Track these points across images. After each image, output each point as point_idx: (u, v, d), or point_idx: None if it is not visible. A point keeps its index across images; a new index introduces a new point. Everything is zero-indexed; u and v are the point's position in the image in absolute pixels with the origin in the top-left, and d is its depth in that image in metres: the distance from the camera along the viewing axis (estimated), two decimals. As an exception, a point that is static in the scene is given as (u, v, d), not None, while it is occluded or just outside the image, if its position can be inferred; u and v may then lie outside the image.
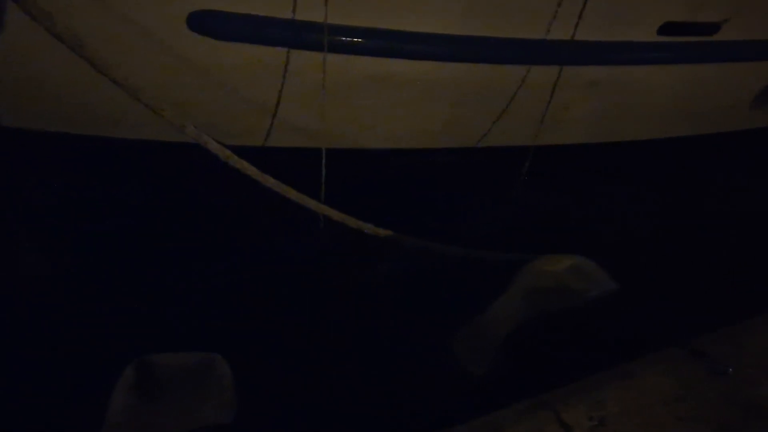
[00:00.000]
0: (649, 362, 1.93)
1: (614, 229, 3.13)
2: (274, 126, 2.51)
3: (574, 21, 2.51)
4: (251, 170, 2.18)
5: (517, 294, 2.47)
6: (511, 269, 2.52)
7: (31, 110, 2.30)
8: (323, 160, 2.27)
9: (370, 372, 2.30)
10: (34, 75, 2.15)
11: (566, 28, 2.54)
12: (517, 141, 2.88)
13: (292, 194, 2.29)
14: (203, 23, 2.11)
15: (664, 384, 1.81)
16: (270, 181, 2.23)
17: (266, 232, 2.67)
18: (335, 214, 2.40)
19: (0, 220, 2.42)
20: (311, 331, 2.39)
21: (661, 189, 3.48)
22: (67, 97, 2.25)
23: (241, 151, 2.18)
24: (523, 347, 2.32)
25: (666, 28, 2.79)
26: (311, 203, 2.33)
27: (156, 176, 2.65)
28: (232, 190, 2.30)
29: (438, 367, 2.32)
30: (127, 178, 2.63)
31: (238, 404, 2.02)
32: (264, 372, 2.18)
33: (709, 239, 3.13)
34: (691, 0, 2.78)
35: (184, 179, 2.63)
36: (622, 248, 2.89)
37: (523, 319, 2.38)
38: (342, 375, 2.28)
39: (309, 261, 2.65)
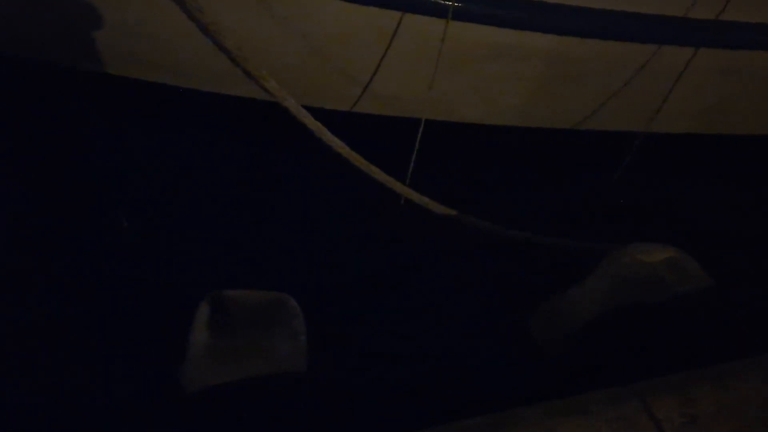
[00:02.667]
0: (748, 366, 1.83)
1: (719, 226, 2.94)
2: (367, 92, 2.52)
3: None
4: (342, 149, 2.21)
5: (603, 279, 2.39)
6: (594, 256, 2.44)
7: (134, 59, 2.39)
8: (420, 131, 2.27)
9: (442, 345, 2.34)
10: (144, 26, 2.23)
11: (713, 6, 2.35)
12: (626, 126, 2.74)
13: (380, 175, 2.30)
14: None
15: (765, 390, 1.72)
16: (359, 161, 2.25)
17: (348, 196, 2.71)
18: (417, 197, 2.39)
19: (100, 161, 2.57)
20: (386, 297, 2.45)
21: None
22: (173, 49, 2.31)
23: (327, 114, 2.21)
24: (607, 335, 2.27)
25: None
26: (396, 186, 2.33)
27: (243, 130, 2.70)
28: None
29: (511, 345, 2.33)
30: (215, 132, 2.69)
31: (308, 348, 2.05)
32: (336, 325, 2.25)
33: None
34: None
35: (273, 133, 2.64)
36: (725, 246, 2.73)
37: (608, 305, 2.31)
38: (415, 346, 2.33)
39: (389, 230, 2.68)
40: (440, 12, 2.15)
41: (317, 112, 2.17)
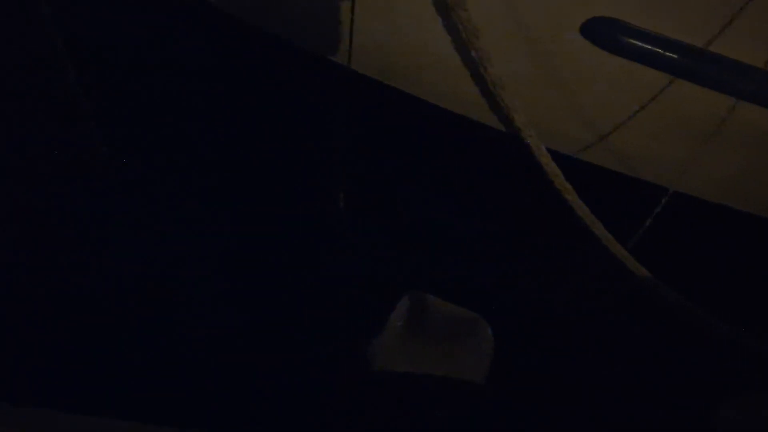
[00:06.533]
0: None
1: None
2: (602, 143, 2.40)
3: None
4: (570, 195, 2.15)
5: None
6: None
7: (385, 61, 2.38)
8: (664, 201, 2.12)
9: (620, 414, 2.28)
10: (411, 30, 2.21)
11: None
12: None
13: (599, 230, 2.19)
14: (597, 30, 2.04)
15: None
16: (583, 210, 2.17)
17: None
18: (633, 265, 2.25)
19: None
20: (572, 342, 2.41)
21: None
22: (431, 64, 2.32)
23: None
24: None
25: None
26: (617, 248, 2.21)
27: (471, 151, 2.67)
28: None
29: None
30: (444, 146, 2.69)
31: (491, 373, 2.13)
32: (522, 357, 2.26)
33: None
34: None
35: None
36: None
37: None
38: (591, 407, 2.28)
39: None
40: (734, 91, 1.99)
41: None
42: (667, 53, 2.08)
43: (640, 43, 2.09)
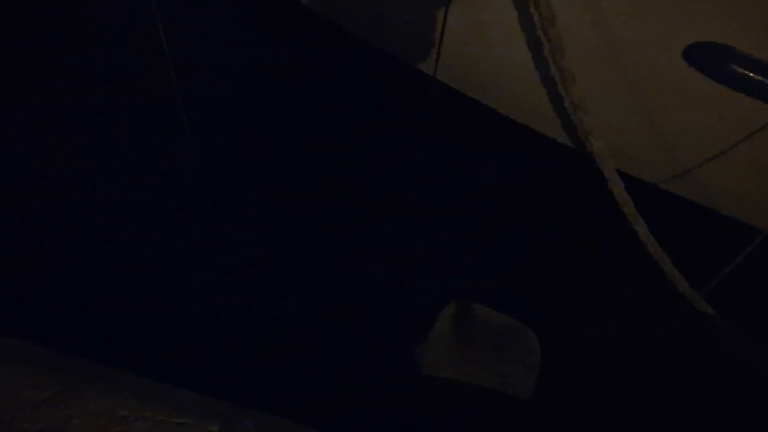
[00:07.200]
0: None
1: None
2: (692, 174, 2.22)
3: None
4: (640, 227, 2.02)
5: None
6: None
7: (470, 77, 2.31)
8: (753, 244, 1.95)
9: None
10: (491, 50, 2.13)
11: None
12: None
13: (667, 266, 2.06)
14: (704, 56, 1.88)
15: None
16: (653, 245, 2.05)
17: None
18: (701, 305, 2.11)
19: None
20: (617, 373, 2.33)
21: None
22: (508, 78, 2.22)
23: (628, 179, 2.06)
24: None
25: None
26: (686, 289, 2.08)
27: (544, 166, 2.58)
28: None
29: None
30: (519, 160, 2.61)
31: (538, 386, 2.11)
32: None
33: None
34: None
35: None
36: None
37: None
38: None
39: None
40: None
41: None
42: None
43: (751, 74, 1.89)
